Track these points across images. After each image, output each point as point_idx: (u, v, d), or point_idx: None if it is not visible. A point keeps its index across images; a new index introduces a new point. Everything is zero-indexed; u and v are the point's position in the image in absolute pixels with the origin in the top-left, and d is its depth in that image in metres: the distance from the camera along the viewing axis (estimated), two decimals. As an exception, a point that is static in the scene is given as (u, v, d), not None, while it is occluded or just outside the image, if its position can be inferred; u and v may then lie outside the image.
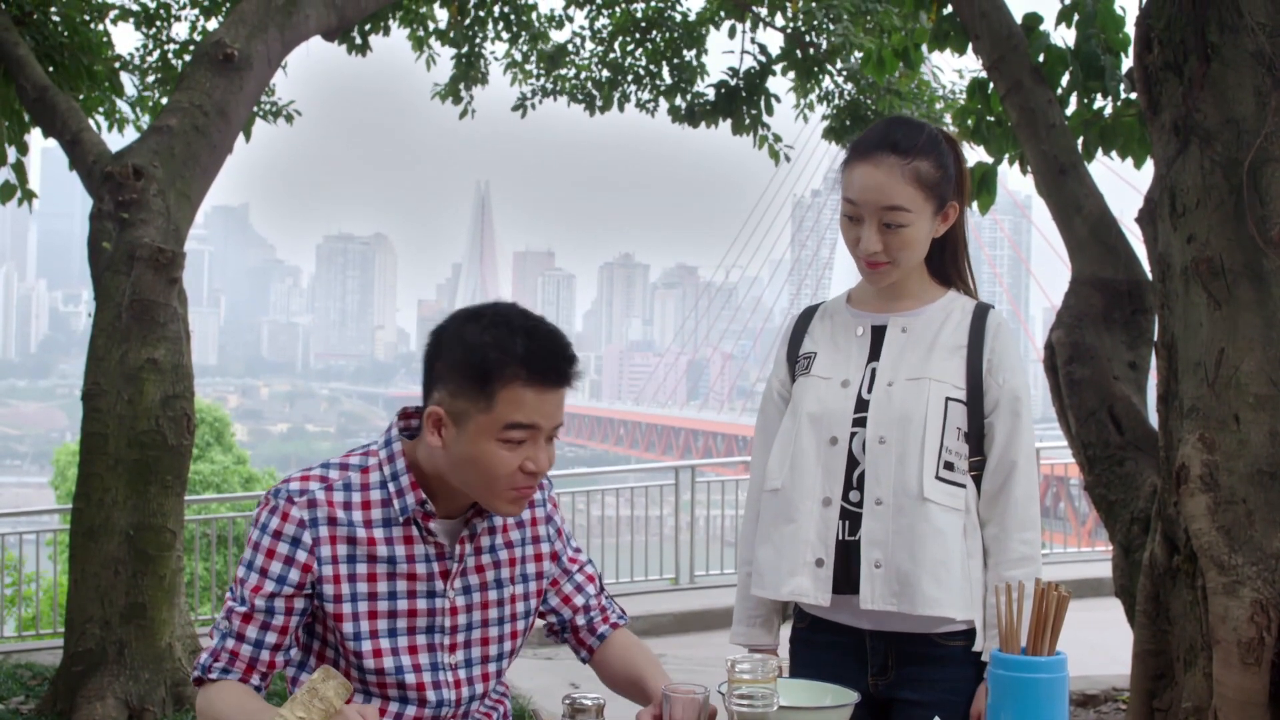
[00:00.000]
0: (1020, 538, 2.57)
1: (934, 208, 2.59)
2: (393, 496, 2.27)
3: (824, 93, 10.49)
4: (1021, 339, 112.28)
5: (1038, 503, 2.60)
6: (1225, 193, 3.45)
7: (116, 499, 6.02)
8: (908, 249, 2.58)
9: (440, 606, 2.30)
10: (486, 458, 2.17)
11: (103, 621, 5.97)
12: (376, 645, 2.26)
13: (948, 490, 2.56)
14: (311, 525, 2.23)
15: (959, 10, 5.40)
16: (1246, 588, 3.31)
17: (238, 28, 6.73)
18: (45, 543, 11.27)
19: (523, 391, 2.15)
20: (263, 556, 2.23)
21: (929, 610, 2.52)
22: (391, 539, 2.26)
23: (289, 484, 2.29)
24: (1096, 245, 4.85)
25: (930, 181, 2.56)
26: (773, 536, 2.66)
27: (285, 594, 2.23)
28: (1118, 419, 4.58)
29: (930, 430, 2.56)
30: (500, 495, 2.23)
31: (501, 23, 10.78)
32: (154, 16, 9.89)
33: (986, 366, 2.60)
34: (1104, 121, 5.37)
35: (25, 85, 6.95)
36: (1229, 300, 3.44)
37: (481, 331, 2.18)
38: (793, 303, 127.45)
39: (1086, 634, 5.52)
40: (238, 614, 2.24)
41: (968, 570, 2.56)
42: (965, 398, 2.59)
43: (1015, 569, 2.53)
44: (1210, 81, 3.49)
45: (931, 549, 2.53)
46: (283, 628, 2.24)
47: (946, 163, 2.61)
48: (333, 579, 2.24)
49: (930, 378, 2.58)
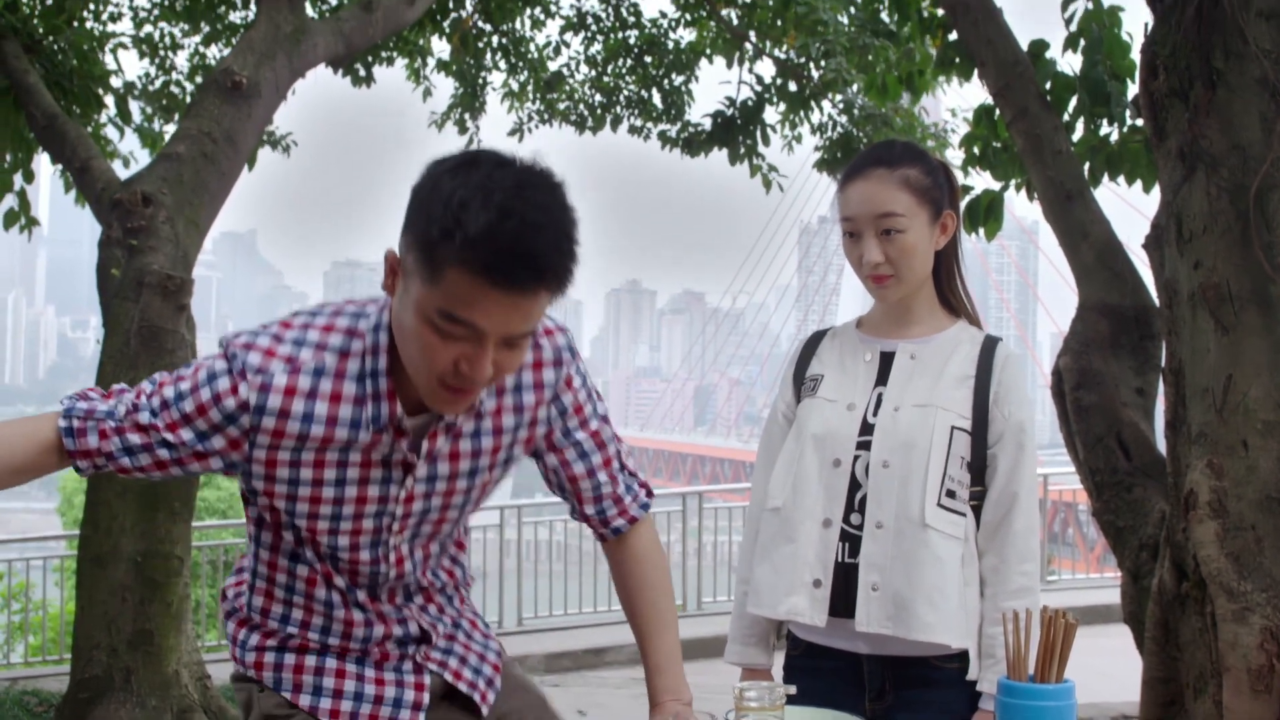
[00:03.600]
0: (1020, 569, 2.56)
1: (929, 214, 2.61)
2: (367, 398, 1.96)
3: (817, 124, 10.54)
4: (1029, 365, 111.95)
5: (1037, 535, 2.60)
6: (1232, 219, 3.45)
7: (124, 526, 6.02)
8: (907, 257, 2.59)
9: (395, 495, 2.04)
10: (418, 336, 1.82)
11: (110, 648, 5.97)
12: (313, 525, 2.04)
13: (948, 518, 2.56)
14: (255, 413, 1.94)
15: (965, 37, 5.41)
16: (1256, 614, 3.30)
17: (246, 56, 6.76)
18: (52, 569, 11.28)
19: (470, 280, 1.73)
20: (191, 403, 1.96)
21: (924, 636, 2.52)
22: (354, 440, 1.98)
23: (249, 352, 1.96)
24: (1103, 271, 4.85)
25: (921, 187, 2.59)
26: (772, 555, 2.66)
27: (195, 450, 1.98)
28: (1125, 445, 4.57)
29: (935, 457, 2.56)
30: (429, 387, 1.87)
31: (500, 53, 10.89)
32: (157, 45, 9.97)
33: (993, 398, 2.61)
34: (1110, 147, 5.37)
35: (35, 113, 7.00)
36: (1236, 326, 3.43)
37: (456, 188, 1.75)
38: (799, 328, 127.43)
39: (1095, 661, 5.49)
40: (134, 415, 1.99)
41: (964, 598, 2.56)
42: (970, 428, 2.59)
43: (1014, 600, 2.51)
44: (1216, 108, 3.49)
45: (929, 575, 2.53)
46: (159, 463, 1.99)
47: (934, 171, 2.65)
48: (264, 464, 1.99)
49: (937, 405, 2.59)
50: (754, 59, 10.34)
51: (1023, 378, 2.67)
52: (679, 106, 10.74)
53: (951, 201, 2.68)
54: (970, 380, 2.62)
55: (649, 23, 10.80)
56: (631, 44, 10.79)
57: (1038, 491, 2.63)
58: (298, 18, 7.00)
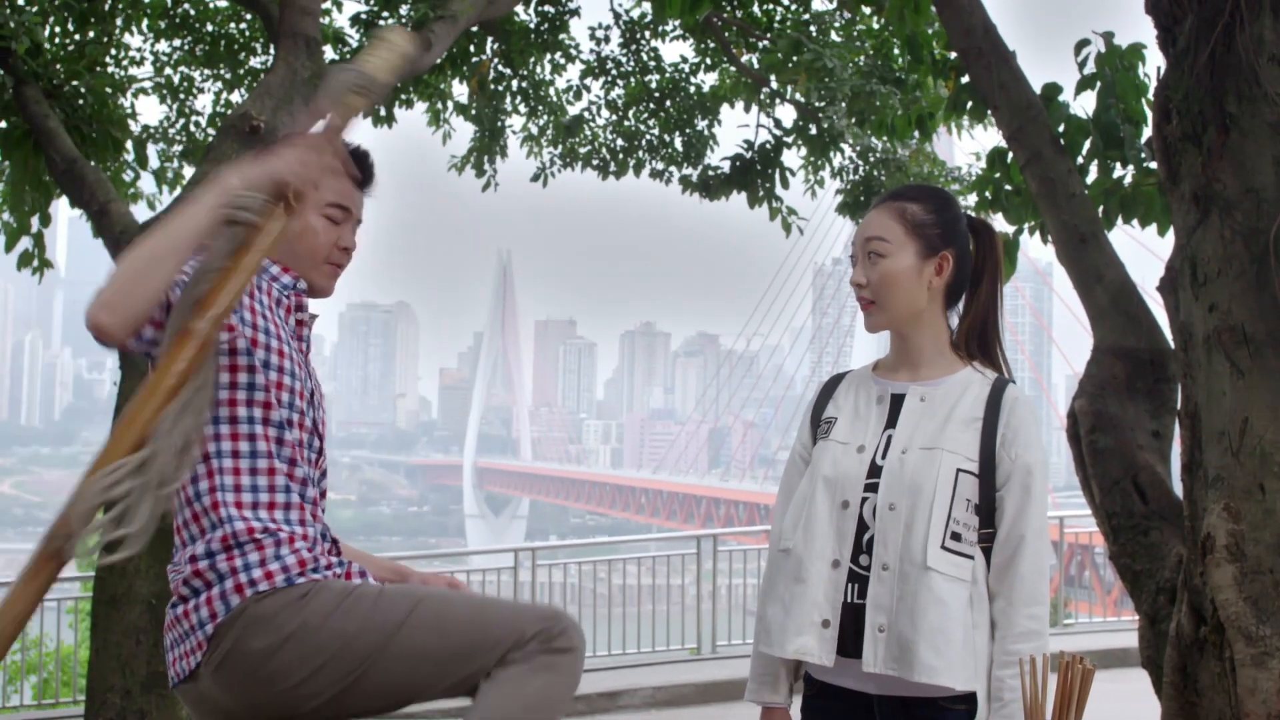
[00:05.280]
0: (1027, 612, 2.56)
1: (918, 247, 2.66)
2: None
3: (837, 169, 10.59)
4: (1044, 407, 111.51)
5: (1047, 578, 2.59)
6: (1246, 262, 3.45)
7: (139, 567, 6.03)
8: (886, 284, 2.66)
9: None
10: (315, 232, 2.62)
11: (124, 691, 5.97)
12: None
13: (953, 560, 2.57)
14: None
15: (977, 81, 5.43)
16: (1275, 659, 3.27)
17: (264, 100, 6.82)
18: (66, 610, 11.27)
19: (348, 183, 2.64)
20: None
21: (926, 678, 2.53)
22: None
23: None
24: (1118, 314, 4.84)
25: (916, 220, 2.66)
26: (782, 595, 2.68)
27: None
28: (1142, 488, 4.55)
29: (939, 500, 2.58)
30: (320, 271, 2.66)
31: (520, 97, 10.93)
32: (177, 90, 10.05)
33: (1000, 440, 2.62)
34: (1124, 191, 5.38)
35: (55, 157, 7.06)
36: (1252, 369, 3.43)
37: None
38: (814, 371, 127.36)
39: (1113, 705, 5.45)
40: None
41: (971, 641, 2.56)
42: (977, 470, 2.60)
43: (1021, 643, 2.53)
44: (1229, 152, 3.50)
45: (931, 617, 2.54)
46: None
47: (943, 213, 2.70)
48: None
49: (943, 448, 2.61)
50: (772, 103, 10.40)
51: (1032, 420, 2.66)
52: (700, 150, 10.78)
53: (959, 246, 2.71)
54: (978, 423, 2.63)
55: (670, 67, 10.85)
56: (652, 88, 10.84)
57: (1048, 534, 2.63)
58: (315, 63, 7.06)
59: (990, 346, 2.75)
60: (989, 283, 2.74)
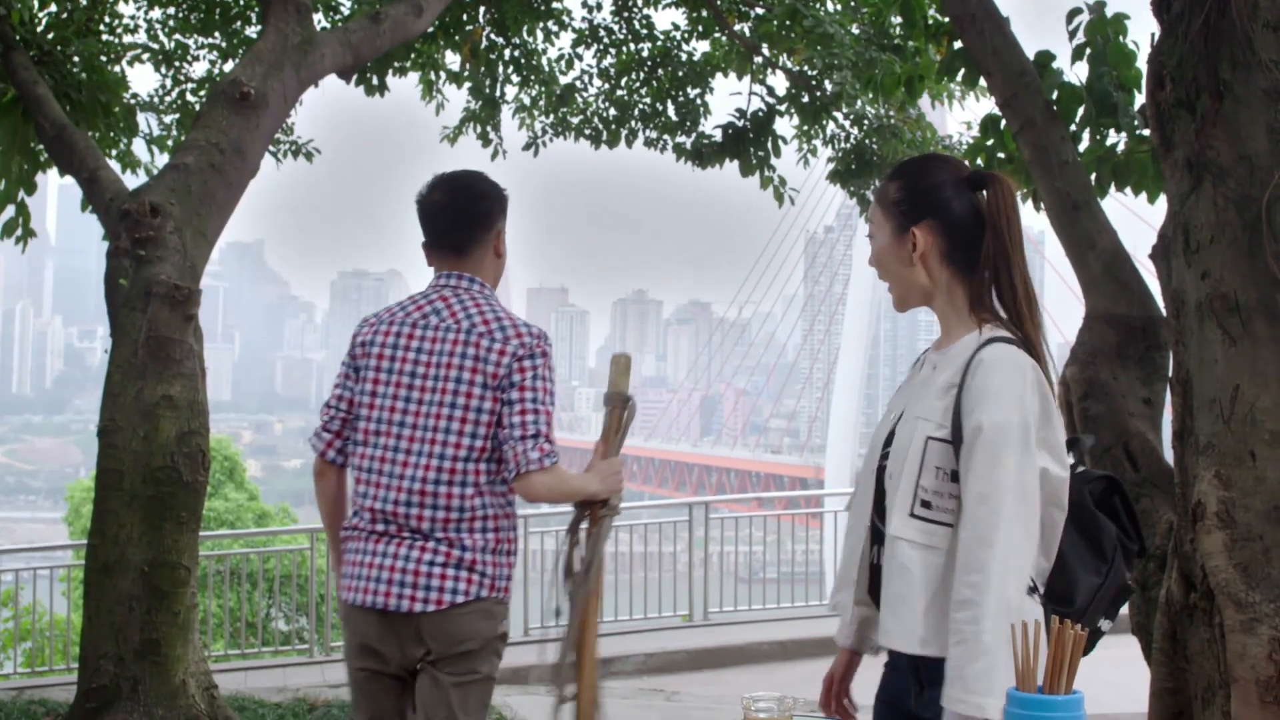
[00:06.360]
0: (965, 580, 2.49)
1: (893, 226, 2.70)
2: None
3: (829, 136, 10.55)
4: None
5: (993, 546, 2.47)
6: (1239, 229, 3.45)
7: (131, 535, 6.03)
8: (879, 267, 2.76)
9: None
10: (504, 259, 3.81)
11: (117, 658, 5.97)
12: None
13: (922, 528, 2.58)
14: None
15: (971, 47, 5.41)
16: (1264, 625, 3.29)
17: (254, 67, 6.78)
18: (59, 579, 11.28)
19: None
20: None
21: (884, 641, 2.62)
22: None
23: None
24: (1110, 282, 4.84)
25: (889, 201, 2.71)
26: (844, 550, 2.86)
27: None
28: (1133, 455, 4.56)
29: (908, 469, 2.60)
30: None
31: (512, 66, 10.87)
32: (172, 56, 9.98)
33: (963, 402, 2.58)
34: (1117, 158, 5.37)
35: (44, 123, 7.01)
36: (1244, 336, 3.43)
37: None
38: (805, 338, 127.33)
39: (1103, 672, 5.47)
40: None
41: (941, 608, 2.54)
42: (949, 436, 2.59)
43: (958, 612, 2.49)
44: (1223, 118, 3.49)
45: (895, 584, 2.59)
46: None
47: (915, 185, 2.70)
48: None
49: (920, 416, 2.64)
50: (763, 71, 10.35)
51: (1000, 378, 2.55)
52: (693, 119, 10.74)
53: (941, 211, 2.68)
54: (954, 389, 2.61)
55: (661, 35, 10.79)
56: (645, 57, 10.78)
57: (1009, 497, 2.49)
58: (305, 29, 7.01)
59: (1010, 301, 2.68)
60: (993, 235, 2.66)
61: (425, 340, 3.51)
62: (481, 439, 3.42)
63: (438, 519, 3.41)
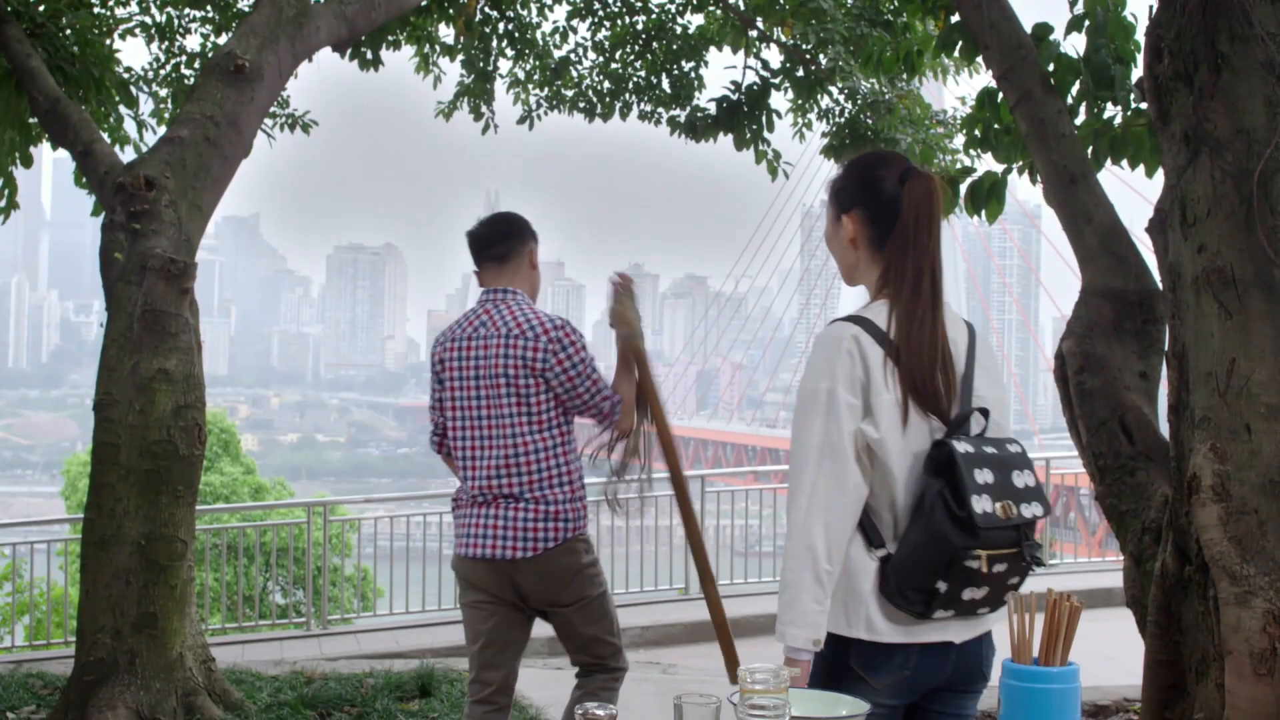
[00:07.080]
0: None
1: (832, 212, 2.94)
2: None
3: (823, 110, 10.52)
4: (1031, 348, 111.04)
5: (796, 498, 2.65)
6: (1236, 203, 3.45)
7: (128, 509, 6.03)
8: (827, 245, 2.99)
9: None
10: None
11: (114, 631, 5.98)
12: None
13: None
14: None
15: (968, 20, 5.39)
16: (1258, 598, 3.30)
17: (249, 39, 6.75)
18: (56, 553, 11.30)
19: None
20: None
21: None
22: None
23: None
24: (1107, 255, 4.84)
25: (834, 190, 2.96)
26: None
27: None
28: (1129, 429, 4.57)
29: None
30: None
31: (506, 39, 10.83)
32: (165, 30, 9.92)
33: None
34: (1114, 131, 5.36)
35: (37, 96, 6.97)
36: (1240, 310, 3.43)
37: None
38: (801, 312, 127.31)
39: (1098, 644, 5.50)
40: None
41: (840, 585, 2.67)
42: None
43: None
44: (1221, 91, 3.49)
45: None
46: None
47: (851, 177, 2.92)
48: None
49: None
50: (758, 45, 10.31)
51: (814, 352, 2.75)
52: (688, 92, 10.70)
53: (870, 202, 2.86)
54: None
55: (656, 8, 10.74)
56: (639, 30, 10.73)
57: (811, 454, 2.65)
58: (300, 1, 6.98)
59: (898, 282, 2.81)
60: (900, 225, 2.82)
61: (478, 348, 4.45)
62: (538, 415, 4.40)
63: (523, 483, 4.37)
